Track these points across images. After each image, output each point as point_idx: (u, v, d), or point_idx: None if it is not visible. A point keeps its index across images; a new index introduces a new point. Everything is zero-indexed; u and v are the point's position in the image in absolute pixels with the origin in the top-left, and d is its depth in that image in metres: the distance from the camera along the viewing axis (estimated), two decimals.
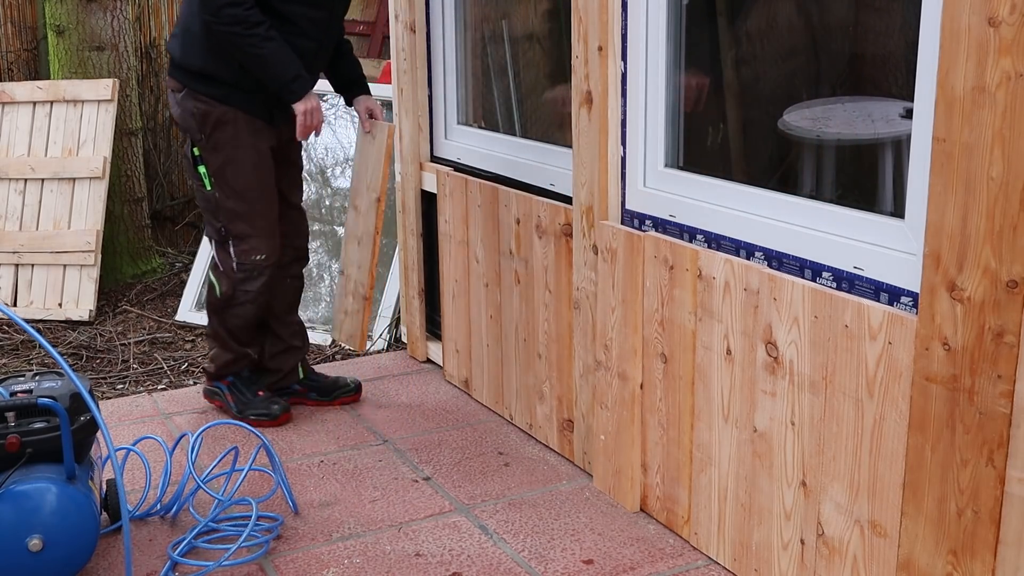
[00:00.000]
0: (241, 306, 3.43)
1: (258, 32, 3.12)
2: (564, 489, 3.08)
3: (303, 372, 3.72)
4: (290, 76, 3.19)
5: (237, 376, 3.58)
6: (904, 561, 2.08)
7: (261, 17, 3.14)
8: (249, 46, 3.14)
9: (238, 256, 3.35)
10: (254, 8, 3.13)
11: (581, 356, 3.08)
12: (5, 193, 5.17)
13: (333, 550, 2.75)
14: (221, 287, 3.42)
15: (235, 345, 3.52)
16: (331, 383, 3.75)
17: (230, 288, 3.40)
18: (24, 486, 2.42)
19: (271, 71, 3.18)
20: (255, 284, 3.39)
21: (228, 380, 3.59)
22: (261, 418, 3.48)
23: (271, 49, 3.15)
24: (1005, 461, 1.85)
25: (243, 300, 3.42)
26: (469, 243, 3.61)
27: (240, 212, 3.32)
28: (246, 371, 3.60)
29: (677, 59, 2.73)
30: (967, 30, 1.80)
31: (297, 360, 3.70)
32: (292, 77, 3.19)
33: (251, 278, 3.38)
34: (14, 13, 6.08)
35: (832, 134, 2.64)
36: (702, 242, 2.60)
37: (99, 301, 5.09)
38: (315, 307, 4.65)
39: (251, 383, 3.59)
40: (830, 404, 2.21)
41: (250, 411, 3.51)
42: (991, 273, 1.82)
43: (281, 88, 3.21)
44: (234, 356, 3.54)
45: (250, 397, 3.55)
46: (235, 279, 3.38)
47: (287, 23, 3.21)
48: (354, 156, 3.76)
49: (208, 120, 3.26)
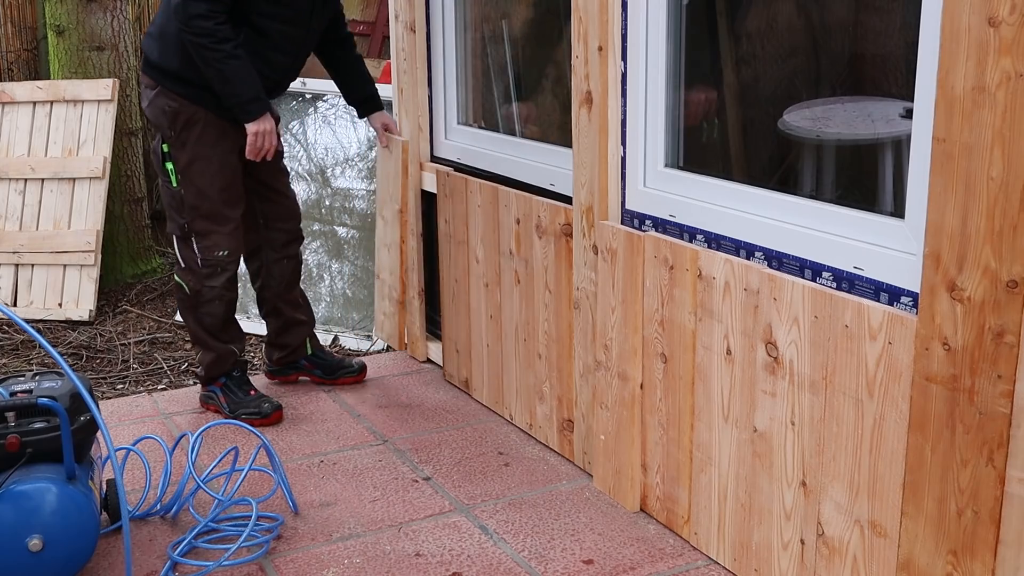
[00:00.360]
0: (209, 303, 3.49)
1: (224, 48, 3.18)
2: (564, 489, 3.08)
3: (311, 348, 3.87)
4: (247, 97, 3.26)
5: (229, 377, 3.62)
6: (904, 561, 2.08)
7: (230, 34, 3.19)
8: (213, 60, 3.19)
9: (201, 252, 3.41)
10: (226, 24, 3.18)
11: (581, 356, 3.08)
12: (5, 193, 5.17)
13: (333, 550, 2.75)
14: (188, 285, 3.48)
15: (214, 342, 3.57)
16: (336, 363, 3.91)
17: (197, 284, 3.46)
18: (24, 486, 2.42)
19: (230, 88, 3.23)
20: (219, 280, 3.45)
21: (221, 382, 3.63)
22: (252, 416, 3.51)
23: (233, 67, 3.20)
24: (1005, 461, 1.85)
25: (210, 297, 3.47)
26: (469, 243, 3.61)
27: (203, 210, 3.38)
28: (237, 371, 3.63)
29: (677, 59, 2.73)
30: (967, 30, 1.80)
31: (304, 335, 3.83)
32: (249, 99, 3.26)
33: (215, 274, 3.44)
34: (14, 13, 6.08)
35: (832, 134, 2.64)
36: (702, 242, 2.60)
37: (99, 301, 5.09)
38: (315, 307, 4.64)
39: (243, 383, 3.63)
40: (830, 404, 2.21)
41: (241, 410, 3.54)
42: (991, 273, 1.82)
43: (236, 107, 3.27)
44: (217, 354, 3.58)
45: (241, 396, 3.59)
46: (200, 274, 3.44)
47: (263, 37, 3.28)
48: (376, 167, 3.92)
49: (179, 118, 3.32)
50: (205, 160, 3.34)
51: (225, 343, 3.57)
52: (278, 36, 3.30)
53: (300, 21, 3.32)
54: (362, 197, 4.96)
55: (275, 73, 3.36)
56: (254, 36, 3.26)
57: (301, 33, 3.35)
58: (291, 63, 3.41)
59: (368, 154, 5.04)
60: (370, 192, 4.96)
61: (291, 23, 3.30)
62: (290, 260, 3.73)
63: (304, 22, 3.34)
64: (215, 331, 3.54)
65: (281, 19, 3.28)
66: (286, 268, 3.73)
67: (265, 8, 3.25)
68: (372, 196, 4.95)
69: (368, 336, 4.49)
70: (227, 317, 3.54)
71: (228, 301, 3.51)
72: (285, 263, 3.72)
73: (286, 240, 3.70)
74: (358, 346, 4.47)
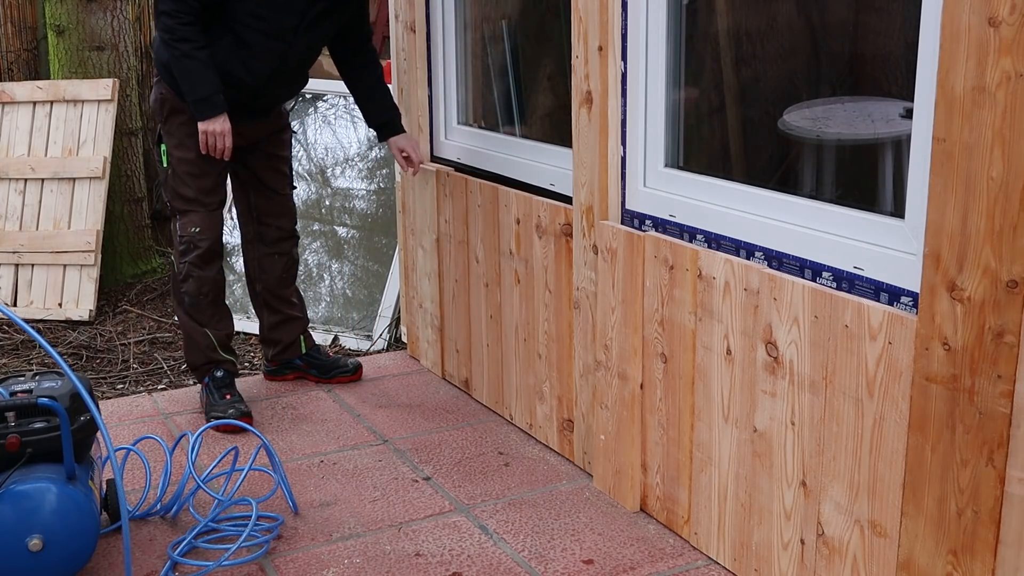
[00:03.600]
0: (185, 280, 3.57)
1: (180, 47, 3.31)
2: (564, 489, 3.07)
3: (305, 348, 3.92)
4: (199, 96, 3.34)
5: (212, 377, 3.65)
6: (904, 561, 2.08)
7: (191, 35, 3.30)
8: (172, 56, 3.34)
9: (180, 229, 3.55)
10: (190, 25, 3.29)
11: (581, 356, 3.08)
12: (5, 193, 5.17)
13: (333, 550, 2.75)
14: (175, 263, 3.62)
15: (188, 322, 3.63)
16: (331, 362, 3.97)
17: (178, 261, 3.58)
18: (24, 486, 2.42)
19: (185, 85, 3.36)
20: (191, 256, 3.53)
21: (205, 381, 3.67)
22: (218, 419, 3.51)
23: (186, 66, 3.32)
24: (1005, 461, 1.85)
25: (185, 274, 3.56)
26: (469, 243, 3.61)
27: (181, 192, 3.52)
28: (220, 371, 3.65)
29: (677, 59, 2.73)
30: (967, 30, 1.80)
31: (298, 332, 3.89)
32: (198, 99, 3.35)
33: (189, 250, 3.53)
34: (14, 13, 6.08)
35: (832, 134, 2.63)
36: (702, 242, 2.60)
37: (99, 301, 5.09)
38: (315, 307, 4.65)
39: (222, 385, 3.65)
40: (830, 404, 2.21)
41: (212, 412, 3.56)
42: (991, 273, 1.82)
43: (189, 103, 3.38)
44: (189, 335, 3.65)
45: (216, 399, 3.61)
46: (179, 251, 3.57)
47: (245, 47, 3.37)
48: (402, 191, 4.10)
49: (166, 106, 3.48)
50: (185, 148, 3.47)
51: (200, 324, 3.61)
52: (259, 48, 3.39)
53: (283, 37, 3.40)
54: (362, 197, 4.96)
55: (255, 81, 3.43)
56: (236, 44, 3.36)
57: (282, 47, 3.42)
58: (271, 73, 3.45)
59: (368, 154, 5.04)
60: (370, 192, 4.96)
61: (274, 37, 3.39)
62: (281, 256, 3.80)
63: (287, 38, 3.41)
64: (190, 310, 3.60)
65: (262, 32, 3.37)
66: (277, 263, 3.80)
67: (248, 20, 3.34)
68: (372, 196, 4.95)
69: (368, 336, 4.49)
70: (201, 296, 3.58)
71: (200, 279, 3.55)
72: (276, 258, 3.80)
73: (277, 237, 3.78)
74: (358, 346, 4.47)
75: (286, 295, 3.86)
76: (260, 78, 3.43)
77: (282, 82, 3.56)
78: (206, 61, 3.32)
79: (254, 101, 3.51)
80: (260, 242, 3.79)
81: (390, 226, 4.75)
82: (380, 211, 4.88)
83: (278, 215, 3.78)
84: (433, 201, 3.79)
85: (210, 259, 3.56)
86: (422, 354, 4.08)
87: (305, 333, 3.92)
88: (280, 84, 3.56)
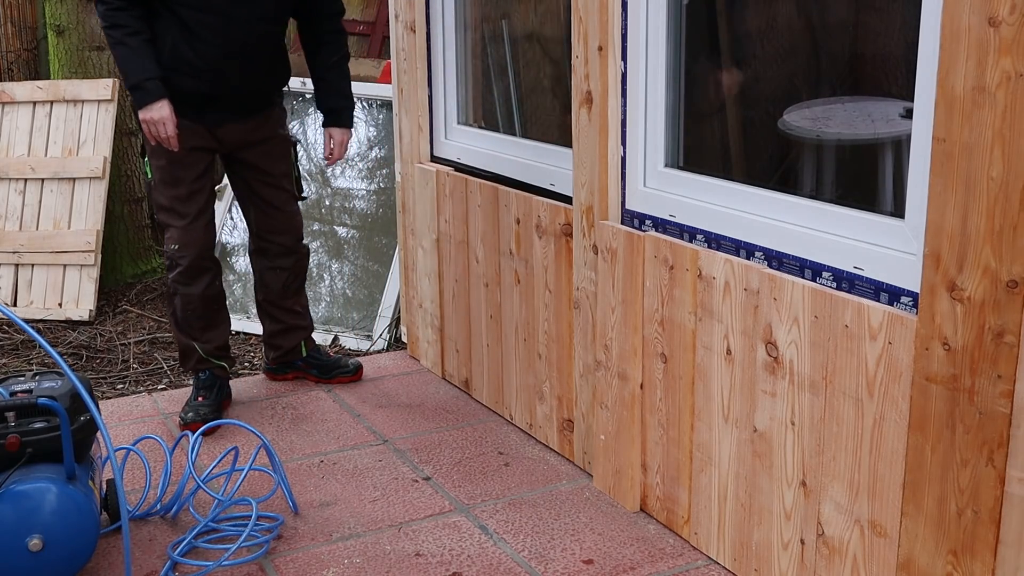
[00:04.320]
0: (172, 296, 3.57)
1: (113, 34, 3.28)
2: (564, 489, 3.08)
3: (306, 350, 3.93)
4: (132, 83, 3.30)
5: (196, 378, 3.67)
6: (904, 561, 2.08)
7: (122, 19, 3.24)
8: (109, 45, 3.32)
9: (165, 244, 3.52)
10: (121, 11, 3.24)
11: (581, 356, 3.08)
12: (5, 193, 5.17)
13: (333, 550, 2.75)
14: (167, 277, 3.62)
15: (177, 333, 3.64)
16: (332, 363, 3.97)
17: (166, 274, 3.58)
18: (24, 486, 2.42)
19: (121, 71, 3.34)
20: (173, 272, 3.52)
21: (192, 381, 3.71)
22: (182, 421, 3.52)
23: (120, 53, 3.29)
24: (1005, 461, 1.85)
25: (172, 291, 3.56)
26: (469, 243, 3.61)
27: (162, 204, 3.49)
28: (204, 373, 3.65)
29: (677, 59, 2.73)
30: (967, 30, 1.80)
31: (298, 340, 3.90)
32: (134, 84, 3.30)
33: (172, 267, 3.53)
34: (14, 13, 6.07)
35: (832, 134, 2.63)
36: (702, 242, 2.60)
37: (99, 301, 5.09)
38: (315, 307, 4.64)
39: (201, 387, 3.65)
40: (830, 404, 2.21)
41: (181, 412, 3.58)
42: (991, 273, 1.82)
43: (129, 90, 3.34)
44: (178, 344, 3.67)
45: (191, 400, 3.63)
46: (165, 266, 3.57)
47: (187, 29, 3.29)
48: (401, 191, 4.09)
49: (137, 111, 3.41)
50: (156, 155, 3.43)
51: (187, 337, 3.61)
52: (197, 25, 3.28)
53: (214, 9, 3.27)
54: (362, 197, 4.96)
55: (207, 66, 3.32)
56: (180, 26, 3.29)
57: (220, 21, 3.28)
58: (221, 55, 3.32)
59: (368, 154, 5.04)
60: (370, 192, 4.96)
61: (206, 11, 3.27)
62: (282, 271, 3.76)
63: (220, 9, 3.27)
64: (178, 322, 3.61)
65: (194, 7, 3.25)
66: (278, 278, 3.77)
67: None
68: (372, 196, 4.95)
69: (368, 336, 4.49)
70: (188, 312, 3.57)
71: (185, 296, 3.53)
72: (278, 273, 3.77)
73: (277, 252, 3.74)
74: (358, 346, 4.47)
75: (288, 305, 3.83)
76: (210, 60, 3.31)
77: (242, 67, 3.38)
78: (139, 47, 3.23)
79: (220, 92, 3.38)
80: (262, 256, 3.77)
81: (390, 226, 4.75)
82: (380, 211, 4.89)
83: (279, 232, 3.70)
84: (433, 201, 3.80)
85: (195, 275, 3.49)
86: (422, 354, 4.08)
87: (308, 339, 3.93)
88: (241, 69, 3.38)
